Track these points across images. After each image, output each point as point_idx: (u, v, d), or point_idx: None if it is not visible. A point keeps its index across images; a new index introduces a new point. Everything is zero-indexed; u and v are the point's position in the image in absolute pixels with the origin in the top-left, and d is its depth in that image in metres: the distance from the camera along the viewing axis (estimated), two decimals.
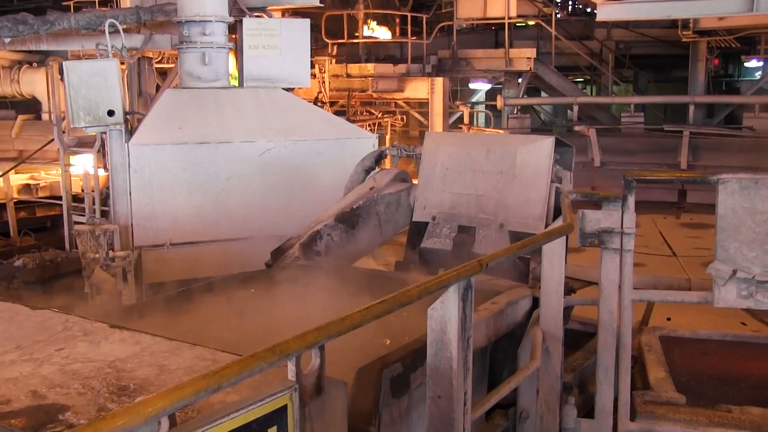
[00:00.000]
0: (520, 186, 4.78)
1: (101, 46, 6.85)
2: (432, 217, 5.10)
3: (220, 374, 1.80)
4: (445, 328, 2.76)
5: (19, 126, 16.35)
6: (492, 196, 4.88)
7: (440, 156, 5.17)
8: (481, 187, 4.95)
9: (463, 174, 5.03)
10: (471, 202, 4.97)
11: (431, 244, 5.11)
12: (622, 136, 12.81)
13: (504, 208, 4.80)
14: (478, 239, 4.93)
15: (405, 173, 5.66)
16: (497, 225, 4.83)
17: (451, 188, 5.07)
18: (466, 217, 4.98)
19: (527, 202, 4.73)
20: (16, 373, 2.52)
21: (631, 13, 9.58)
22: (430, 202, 5.14)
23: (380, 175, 5.67)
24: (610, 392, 3.76)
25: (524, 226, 4.68)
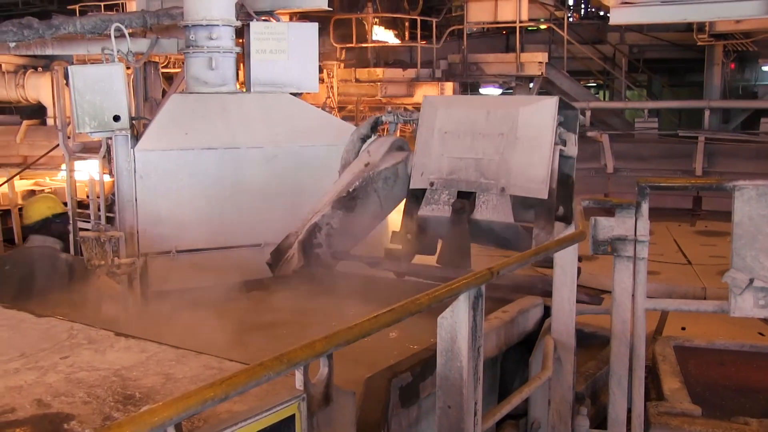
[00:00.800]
0: (522, 148, 4.60)
1: (107, 50, 6.83)
2: (430, 183, 4.88)
3: (228, 383, 1.76)
4: (455, 336, 2.71)
5: (23, 131, 16.40)
6: (493, 159, 4.68)
7: (438, 120, 4.96)
8: (481, 150, 4.74)
9: (462, 137, 4.82)
10: (470, 166, 4.75)
11: (429, 212, 4.85)
12: (635, 142, 12.76)
13: (505, 172, 4.62)
14: (478, 205, 4.69)
15: (402, 140, 5.47)
16: (498, 189, 4.63)
17: (449, 152, 4.84)
18: (465, 182, 4.77)
19: (530, 165, 4.56)
20: (20, 382, 2.50)
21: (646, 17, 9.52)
22: (428, 168, 4.92)
23: (375, 146, 5.42)
24: (624, 403, 3.70)
25: (527, 191, 4.54)
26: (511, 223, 4.54)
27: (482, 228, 4.70)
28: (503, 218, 4.56)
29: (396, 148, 5.35)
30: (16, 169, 11.48)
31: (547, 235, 4.41)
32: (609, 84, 18.99)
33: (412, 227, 4.96)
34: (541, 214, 4.53)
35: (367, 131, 5.63)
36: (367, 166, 5.22)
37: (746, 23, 12.94)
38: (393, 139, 5.41)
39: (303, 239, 5.01)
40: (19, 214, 10.38)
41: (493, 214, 4.59)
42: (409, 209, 5.02)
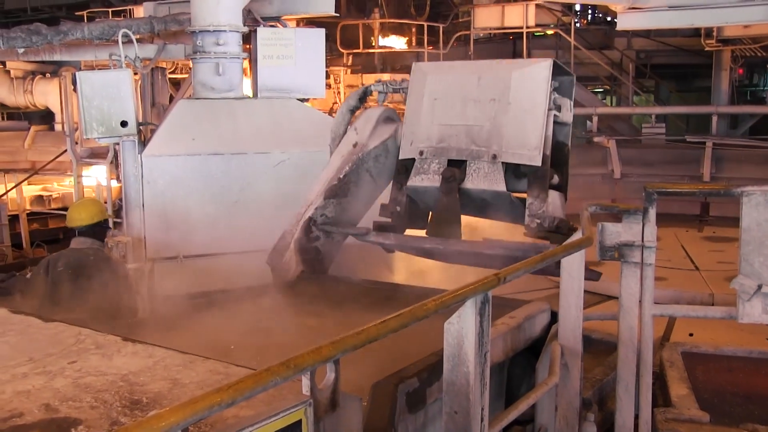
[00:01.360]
0: (514, 114, 4.40)
1: (114, 56, 6.85)
2: (419, 152, 4.67)
3: (234, 388, 1.77)
4: (462, 342, 2.71)
5: (32, 137, 16.48)
6: (484, 125, 4.48)
7: (428, 86, 4.74)
8: (472, 116, 4.53)
9: (452, 104, 4.60)
10: (461, 133, 4.55)
11: (419, 182, 4.63)
12: (642, 148, 12.72)
13: (497, 138, 4.42)
14: (469, 173, 4.49)
15: (391, 111, 5.25)
16: (490, 157, 4.42)
17: (439, 120, 4.63)
18: (456, 149, 4.56)
19: (522, 130, 4.38)
20: (28, 386, 2.51)
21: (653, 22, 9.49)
22: (418, 136, 4.71)
23: (361, 122, 5.17)
24: (631, 409, 3.69)
25: (519, 157, 4.37)
26: (503, 192, 4.38)
27: (473, 198, 4.54)
28: (495, 186, 4.40)
29: (384, 120, 5.14)
30: (24, 175, 11.52)
31: (541, 203, 4.28)
32: (616, 89, 18.95)
33: (402, 199, 4.79)
34: (535, 182, 4.37)
35: (356, 103, 5.42)
36: (355, 146, 5.05)
37: (754, 28, 12.88)
38: (379, 112, 5.16)
39: (299, 237, 4.95)
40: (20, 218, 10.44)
41: (484, 182, 4.42)
42: (399, 180, 4.83)
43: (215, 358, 2.80)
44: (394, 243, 4.65)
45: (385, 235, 4.68)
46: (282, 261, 4.98)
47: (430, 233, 4.59)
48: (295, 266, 4.94)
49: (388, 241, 4.65)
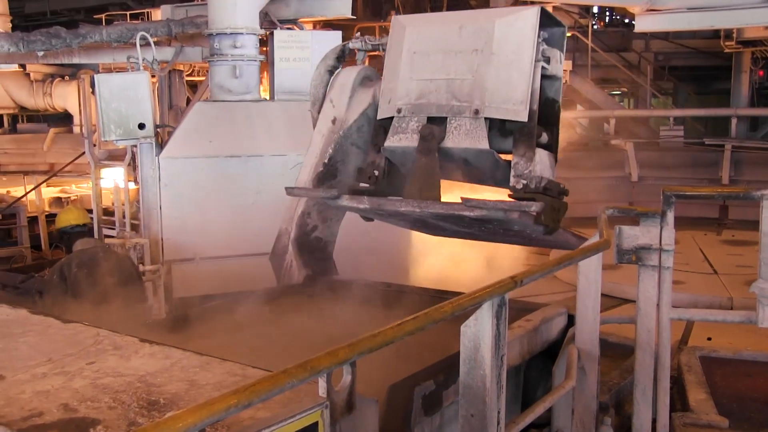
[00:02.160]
0: (498, 65, 4.09)
1: (132, 58, 6.90)
2: (397, 110, 4.33)
3: (251, 390, 1.77)
4: (479, 345, 2.70)
5: (51, 139, 16.64)
6: (466, 79, 4.17)
7: (407, 39, 4.42)
8: (453, 69, 4.22)
9: (432, 57, 4.30)
10: (441, 88, 4.24)
11: (396, 142, 4.30)
12: (660, 150, 12.68)
13: (480, 92, 4.11)
14: (449, 131, 4.16)
15: (368, 70, 4.92)
16: (472, 112, 4.11)
17: (419, 75, 4.31)
18: (436, 105, 4.24)
19: (507, 83, 4.06)
20: (48, 386, 2.52)
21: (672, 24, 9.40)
22: (396, 93, 4.36)
23: (336, 91, 4.82)
24: (648, 413, 3.66)
25: (503, 112, 4.04)
26: (486, 150, 4.06)
27: (455, 158, 4.25)
28: (477, 144, 4.08)
29: (360, 82, 4.81)
30: (43, 177, 11.62)
31: (527, 162, 3.99)
32: (634, 92, 18.86)
33: (380, 162, 4.47)
34: (521, 139, 4.06)
35: (334, 62, 5.06)
36: (334, 122, 4.77)
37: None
38: (353, 75, 4.82)
39: (296, 237, 4.84)
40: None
41: (465, 140, 4.10)
42: (377, 142, 4.50)
43: (232, 359, 2.80)
44: (369, 207, 4.32)
45: (358, 199, 4.35)
46: (283, 264, 4.91)
47: (406, 197, 4.22)
48: (298, 271, 4.85)
49: (362, 205, 4.33)
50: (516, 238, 4.35)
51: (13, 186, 12.34)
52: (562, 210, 3.97)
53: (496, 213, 3.80)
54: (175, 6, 9.23)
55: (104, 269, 5.62)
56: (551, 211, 3.85)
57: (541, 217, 3.74)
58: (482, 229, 4.24)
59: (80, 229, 6.34)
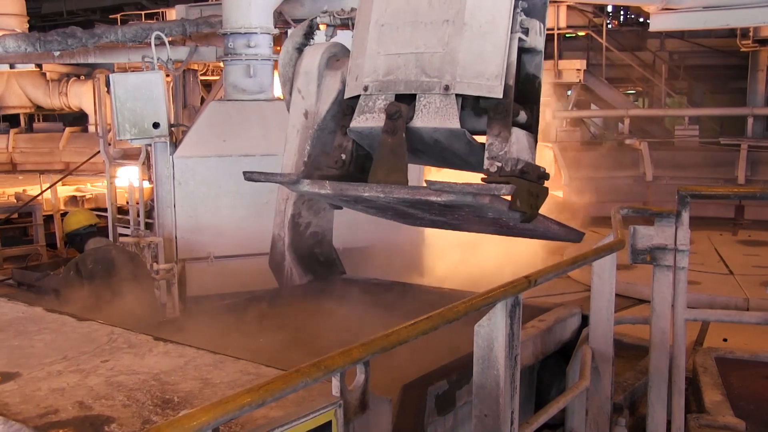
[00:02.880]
0: (471, 36, 3.75)
1: (147, 58, 6.93)
2: (363, 88, 3.99)
3: (265, 389, 1.77)
4: (492, 345, 2.70)
5: (66, 138, 16.75)
6: (436, 52, 3.83)
7: (375, 11, 4.07)
8: (422, 42, 3.88)
9: (401, 29, 3.95)
10: (410, 62, 3.90)
11: (362, 123, 3.96)
12: (675, 150, 12.62)
13: (451, 66, 3.76)
14: (418, 109, 3.81)
15: (336, 47, 4.60)
16: (441, 88, 3.76)
17: (386, 49, 3.97)
18: (404, 82, 3.89)
19: (480, 56, 3.72)
20: (63, 384, 2.54)
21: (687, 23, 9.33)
22: (363, 70, 4.03)
23: (302, 80, 4.49)
24: (663, 414, 3.64)
25: (476, 88, 3.69)
26: (458, 130, 3.72)
27: (425, 139, 3.91)
28: (447, 123, 3.74)
29: (327, 64, 4.47)
30: (59, 176, 11.69)
31: (502, 143, 3.64)
32: (648, 91, 18.76)
33: (348, 145, 4.16)
34: (496, 117, 3.71)
35: (302, 39, 4.74)
36: (306, 116, 4.48)
37: None
38: (318, 58, 4.46)
39: (291, 241, 4.72)
40: None
41: (435, 119, 3.76)
42: (345, 123, 4.15)
43: (246, 358, 2.81)
44: (331, 192, 4.03)
45: (319, 184, 4.07)
46: (283, 272, 4.81)
47: (371, 181, 3.91)
48: (299, 279, 4.76)
49: (324, 190, 4.04)
50: (494, 227, 4.11)
51: (29, 185, 12.42)
52: (541, 196, 3.72)
53: (465, 197, 3.51)
54: (190, 6, 9.27)
55: (118, 265, 5.74)
56: (529, 197, 3.59)
57: (516, 202, 3.51)
58: (456, 216, 3.99)
59: (90, 230, 6.43)
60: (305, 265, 4.83)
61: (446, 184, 3.51)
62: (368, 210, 4.47)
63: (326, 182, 4.05)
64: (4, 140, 16.74)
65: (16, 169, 16.51)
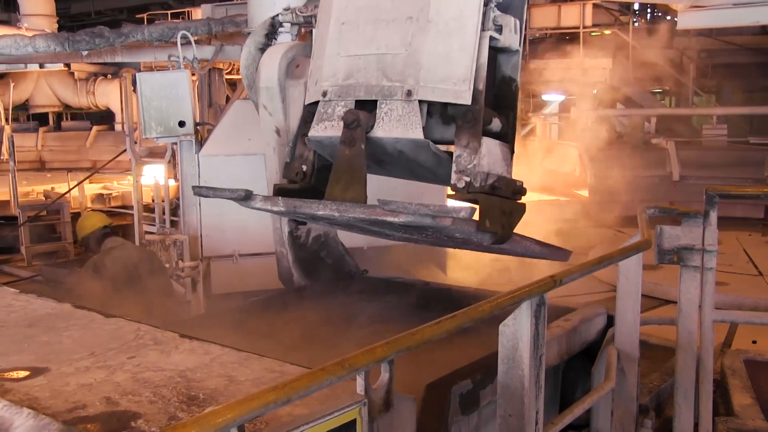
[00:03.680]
0: (436, 35, 3.39)
1: (173, 57, 6.98)
2: (322, 93, 3.64)
3: (290, 387, 1.78)
4: (517, 345, 2.69)
5: (93, 136, 16.93)
6: (398, 53, 3.46)
7: (335, 7, 3.73)
8: (384, 42, 3.51)
9: (362, 27, 3.59)
10: (371, 65, 3.54)
11: (321, 131, 3.61)
12: (703, 149, 12.50)
13: (413, 69, 3.41)
14: (379, 116, 3.45)
15: (296, 49, 4.23)
16: (404, 93, 3.40)
17: (347, 50, 3.62)
18: (364, 86, 3.53)
19: (446, 57, 3.36)
20: (90, 380, 2.57)
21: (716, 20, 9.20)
22: (322, 73, 3.69)
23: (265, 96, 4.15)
24: (690, 417, 3.61)
25: (441, 93, 3.34)
26: (421, 140, 3.36)
27: (388, 150, 3.56)
28: (409, 133, 3.38)
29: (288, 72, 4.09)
30: (86, 174, 11.82)
31: (471, 154, 3.30)
32: (676, 90, 18.55)
33: (309, 155, 3.82)
34: (464, 126, 3.35)
35: (264, 39, 4.43)
36: (279, 134, 4.20)
37: None
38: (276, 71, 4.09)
39: (295, 257, 4.54)
40: None
41: (397, 128, 3.40)
42: (305, 131, 3.80)
43: (270, 356, 2.82)
44: (284, 209, 3.75)
45: (272, 200, 3.77)
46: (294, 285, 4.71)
47: (328, 196, 3.59)
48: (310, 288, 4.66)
49: (276, 207, 3.77)
50: (470, 246, 3.82)
51: (57, 182, 12.57)
52: (516, 213, 3.42)
53: (423, 219, 3.18)
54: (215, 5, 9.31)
55: (136, 264, 5.81)
56: (500, 215, 3.30)
57: (485, 222, 3.22)
58: (423, 235, 3.69)
59: (104, 231, 6.52)
60: (313, 273, 4.72)
61: (401, 204, 3.18)
62: (332, 226, 4.20)
63: (279, 199, 3.73)
64: (33, 139, 16.95)
65: (44, 167, 16.72)
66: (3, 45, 7.54)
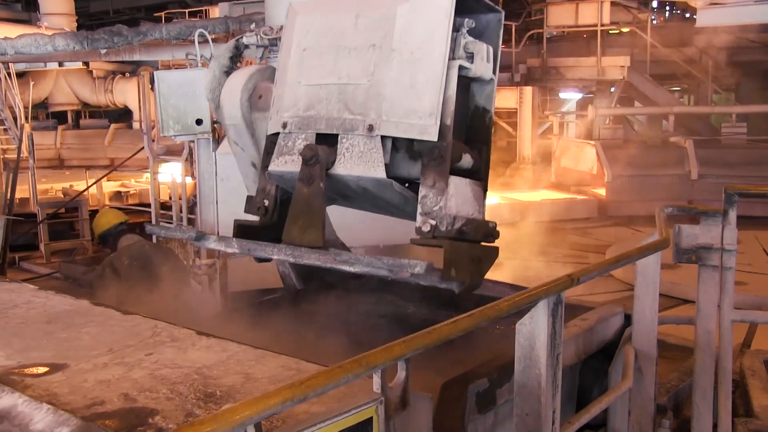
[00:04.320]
0: (400, 65, 3.17)
1: (191, 55, 7.00)
2: (282, 124, 3.45)
3: (307, 384, 1.78)
4: (534, 344, 2.68)
5: (111, 134, 17.06)
6: (360, 83, 3.26)
7: (296, 32, 3.52)
8: (346, 71, 3.31)
9: (324, 55, 3.40)
10: (332, 95, 3.33)
11: (281, 166, 3.44)
12: (722, 148, 12.41)
13: (376, 102, 3.19)
14: (340, 152, 3.26)
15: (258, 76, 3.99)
16: (365, 128, 3.19)
17: (308, 78, 3.42)
18: (325, 119, 3.33)
19: (411, 89, 3.14)
20: (109, 376, 2.59)
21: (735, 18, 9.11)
22: (284, 102, 3.49)
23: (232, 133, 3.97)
24: (709, 417, 3.58)
25: (405, 129, 3.12)
26: (384, 180, 3.17)
27: (352, 187, 3.38)
28: (371, 172, 3.19)
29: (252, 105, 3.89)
30: (104, 171, 11.91)
31: (437, 195, 3.08)
32: (694, 88, 18.41)
33: (271, 189, 3.65)
34: (430, 165, 3.13)
35: (229, 63, 4.22)
36: (256, 167, 4.03)
37: None
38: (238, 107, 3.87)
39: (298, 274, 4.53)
40: None
41: (358, 165, 3.21)
42: (265, 164, 3.62)
43: (287, 354, 2.83)
44: (237, 251, 3.60)
45: (226, 241, 3.66)
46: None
47: (285, 238, 3.41)
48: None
49: (231, 248, 3.61)
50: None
51: (76, 180, 12.67)
52: (487, 259, 3.21)
53: (378, 271, 3.05)
54: (233, 3, 9.35)
55: (153, 261, 5.84)
56: (469, 262, 3.10)
57: (451, 270, 3.02)
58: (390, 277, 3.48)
59: (120, 228, 6.56)
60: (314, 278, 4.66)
61: (353, 256, 3.14)
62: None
63: (233, 241, 3.58)
64: (52, 137, 17.10)
65: (63, 164, 16.86)
66: (23, 44, 7.61)
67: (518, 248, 7.64)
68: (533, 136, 13.77)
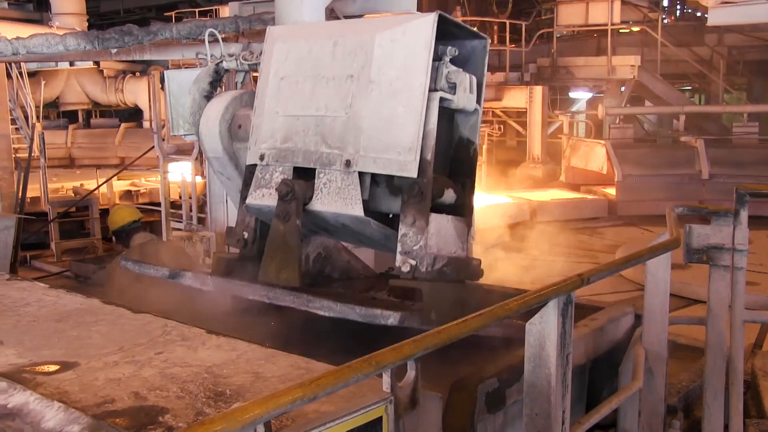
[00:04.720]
0: (378, 96, 3.05)
1: (201, 55, 7.01)
2: (260, 156, 3.38)
3: (317, 383, 1.78)
4: (544, 343, 2.67)
5: (121, 134, 17.12)
6: (338, 116, 3.14)
7: (274, 60, 3.44)
8: (324, 102, 3.20)
9: (301, 84, 3.28)
10: (310, 127, 3.22)
11: (258, 199, 3.37)
12: (733, 148, 12.32)
13: (354, 135, 3.08)
14: (318, 187, 3.17)
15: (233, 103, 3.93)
16: (342, 163, 3.09)
17: (285, 109, 3.33)
18: (302, 152, 3.22)
19: (390, 122, 3.02)
20: (119, 374, 2.60)
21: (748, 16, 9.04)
22: (262, 133, 3.40)
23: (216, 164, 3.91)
24: (720, 418, 3.56)
25: (383, 165, 3.01)
26: (362, 218, 3.08)
27: (330, 222, 3.29)
28: (348, 209, 3.10)
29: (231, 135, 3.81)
30: (114, 170, 11.95)
31: (417, 234, 2.97)
32: (705, 88, 18.31)
33: (251, 222, 3.57)
34: (410, 202, 3.02)
35: (209, 87, 4.16)
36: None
37: None
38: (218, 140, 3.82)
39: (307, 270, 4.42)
40: None
41: (336, 201, 3.12)
42: (244, 195, 3.56)
43: (297, 353, 2.84)
44: (212, 290, 3.53)
45: (201, 279, 3.56)
46: None
47: (261, 277, 3.33)
48: None
49: (205, 287, 3.52)
50: None
51: (86, 179, 12.72)
52: (470, 300, 3.16)
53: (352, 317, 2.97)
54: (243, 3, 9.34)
55: (165, 260, 5.87)
56: (451, 306, 3.02)
57: (431, 314, 2.93)
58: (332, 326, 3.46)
59: (135, 225, 6.57)
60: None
61: (326, 304, 3.04)
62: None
63: (208, 278, 3.49)
64: (63, 136, 17.16)
65: (74, 163, 16.92)
66: (35, 44, 7.64)
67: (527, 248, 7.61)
68: (543, 135, 13.72)
